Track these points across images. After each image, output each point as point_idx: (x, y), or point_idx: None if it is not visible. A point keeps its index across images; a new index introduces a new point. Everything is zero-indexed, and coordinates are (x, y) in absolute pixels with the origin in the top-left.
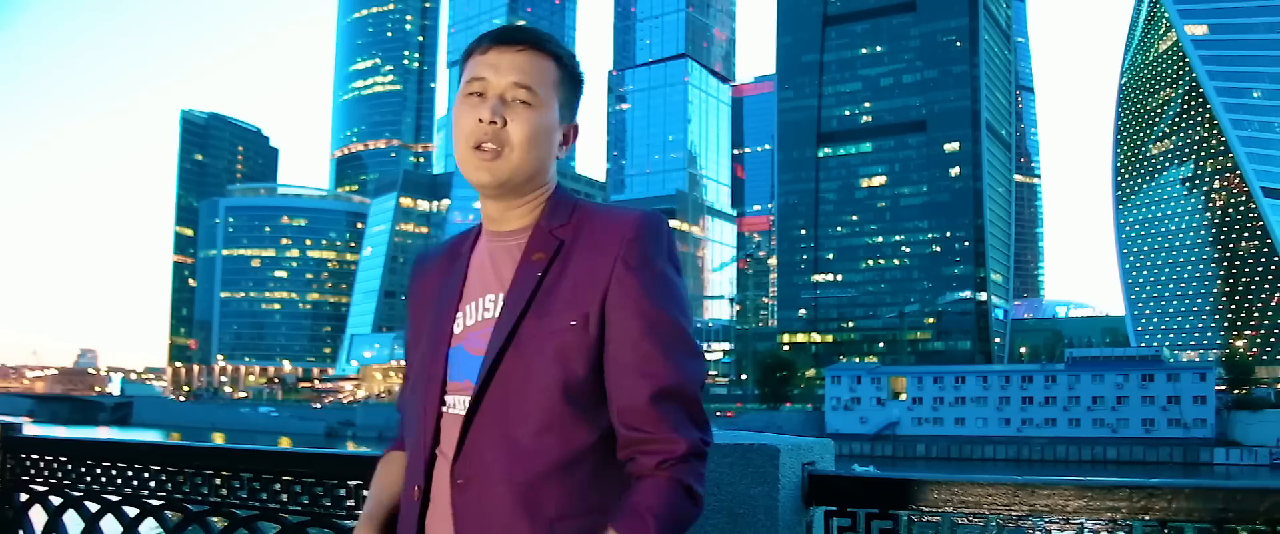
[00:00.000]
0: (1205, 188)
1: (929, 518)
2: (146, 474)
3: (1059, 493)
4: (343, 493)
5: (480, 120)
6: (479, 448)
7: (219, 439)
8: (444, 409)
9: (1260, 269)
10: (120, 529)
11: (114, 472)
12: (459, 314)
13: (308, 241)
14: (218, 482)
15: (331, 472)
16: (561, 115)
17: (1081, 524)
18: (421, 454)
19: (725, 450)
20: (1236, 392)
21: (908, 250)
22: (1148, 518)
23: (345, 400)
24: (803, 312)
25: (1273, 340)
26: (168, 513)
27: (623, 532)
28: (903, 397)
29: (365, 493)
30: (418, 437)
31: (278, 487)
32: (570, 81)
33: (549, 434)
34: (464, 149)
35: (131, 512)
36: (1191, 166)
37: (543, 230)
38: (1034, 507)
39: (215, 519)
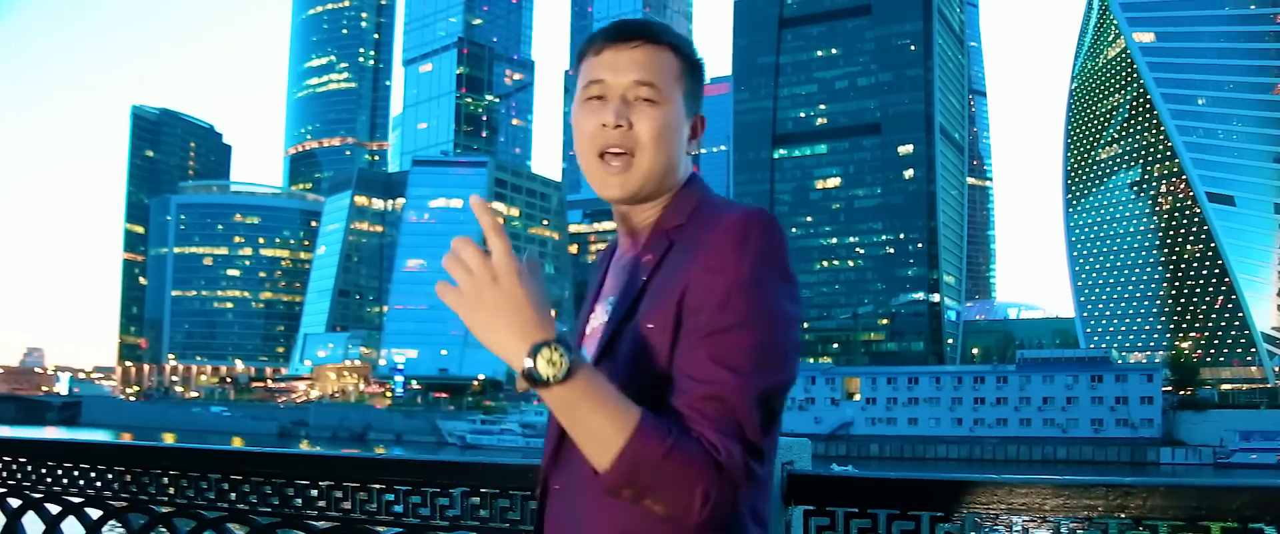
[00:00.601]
0: (1152, 192)
1: (907, 517)
2: (110, 476)
3: (1036, 492)
4: (314, 493)
5: (604, 125)
6: (572, 456)
7: (170, 439)
8: None
9: (1205, 272)
10: (82, 531)
11: (76, 473)
12: (592, 314)
13: (261, 240)
14: (185, 483)
15: (302, 472)
16: (687, 108)
17: (1057, 522)
18: (547, 455)
19: None
20: (1182, 392)
21: (862, 252)
22: (1123, 516)
23: (299, 400)
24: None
25: (1216, 342)
26: (132, 515)
27: (623, 426)
28: (857, 397)
29: (336, 493)
30: (546, 441)
31: (246, 487)
32: (691, 71)
33: None
34: (589, 158)
35: (94, 513)
36: (1139, 171)
37: (658, 231)
38: (1011, 505)
39: (181, 521)
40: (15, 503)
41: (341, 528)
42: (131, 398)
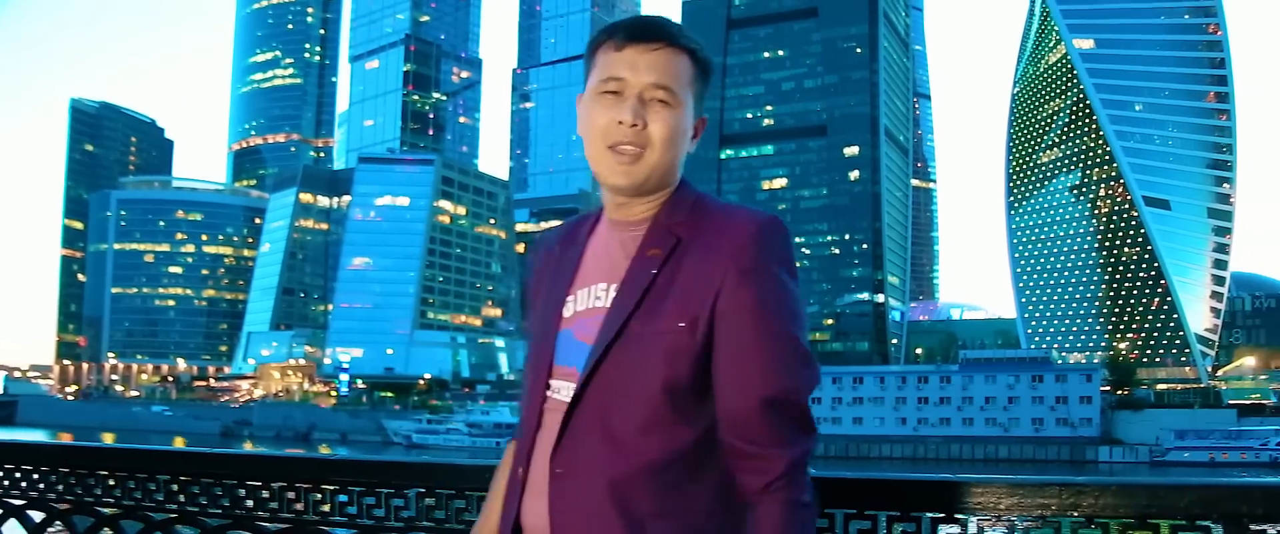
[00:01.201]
0: (1091, 195)
1: (863, 516)
2: (54, 477)
3: (991, 491)
4: (266, 495)
5: (620, 122)
6: (579, 441)
7: (109, 440)
8: (549, 393)
9: (1141, 275)
10: None
11: (17, 474)
12: (570, 298)
13: (204, 236)
14: (132, 484)
15: (253, 473)
16: (695, 109)
17: (1012, 521)
18: (527, 437)
19: None
20: (1119, 392)
21: (807, 252)
22: (1076, 514)
23: (242, 400)
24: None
25: (1152, 343)
26: (77, 517)
27: None
28: None
29: (289, 494)
30: (526, 419)
31: (196, 489)
32: (702, 75)
33: (649, 433)
34: (598, 148)
35: (37, 516)
36: (1079, 175)
37: (661, 225)
38: (967, 504)
39: (129, 523)
40: None
41: (294, 529)
42: (70, 397)
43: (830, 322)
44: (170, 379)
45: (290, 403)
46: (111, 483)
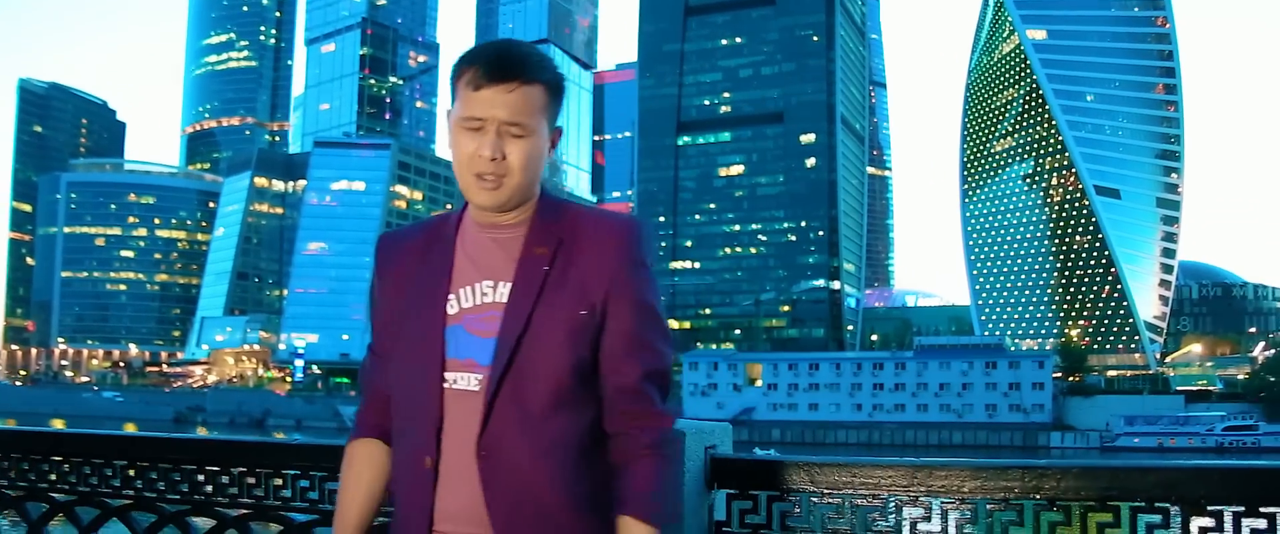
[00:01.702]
0: (1044, 184)
1: (829, 499)
2: (6, 463)
3: (955, 474)
4: (226, 480)
5: (481, 155)
6: (501, 424)
7: (59, 426)
8: (446, 385)
9: (1093, 263)
10: None
11: None
12: (452, 296)
13: (156, 220)
14: (87, 469)
15: (213, 458)
16: (549, 126)
17: (977, 503)
18: (429, 427)
19: None
20: (1071, 379)
21: (764, 239)
22: (1038, 497)
23: (195, 385)
24: (661, 298)
25: (1103, 330)
26: (30, 504)
27: (637, 515)
28: (759, 383)
29: (249, 479)
30: (420, 411)
31: (154, 474)
32: (555, 96)
33: (562, 411)
34: (466, 175)
35: None
36: (1032, 164)
37: (540, 227)
38: (931, 487)
39: (84, 509)
40: None
41: (255, 514)
42: (18, 383)
43: (786, 308)
44: (122, 365)
45: (245, 389)
46: (66, 469)
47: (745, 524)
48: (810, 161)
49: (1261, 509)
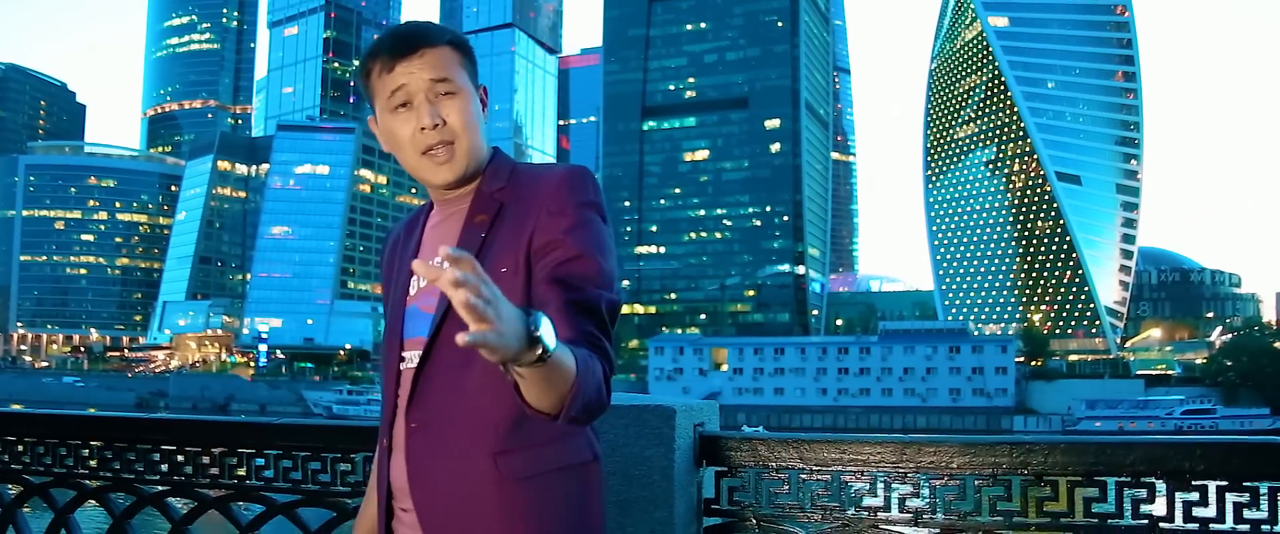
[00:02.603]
0: (1006, 170)
1: (818, 477)
2: None
3: (943, 451)
4: (206, 461)
5: (423, 128)
6: (429, 394)
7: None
8: (402, 365)
9: (1054, 248)
10: None
11: None
12: (414, 277)
13: (117, 204)
14: (64, 451)
15: (193, 438)
16: (475, 88)
17: (965, 479)
18: (388, 406)
19: (620, 411)
20: (1033, 363)
21: (729, 224)
22: (1026, 472)
23: (157, 370)
24: (626, 283)
25: (1064, 315)
26: (3, 487)
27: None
28: (724, 367)
29: (230, 460)
30: (386, 391)
31: (132, 455)
32: (467, 55)
33: (491, 375)
34: (413, 158)
35: None
36: (994, 150)
37: (484, 194)
38: (920, 464)
39: (60, 491)
40: None
41: (236, 494)
42: None
43: (751, 293)
44: (82, 350)
45: (208, 374)
46: (40, 450)
47: (734, 502)
48: (775, 147)
49: (1244, 483)
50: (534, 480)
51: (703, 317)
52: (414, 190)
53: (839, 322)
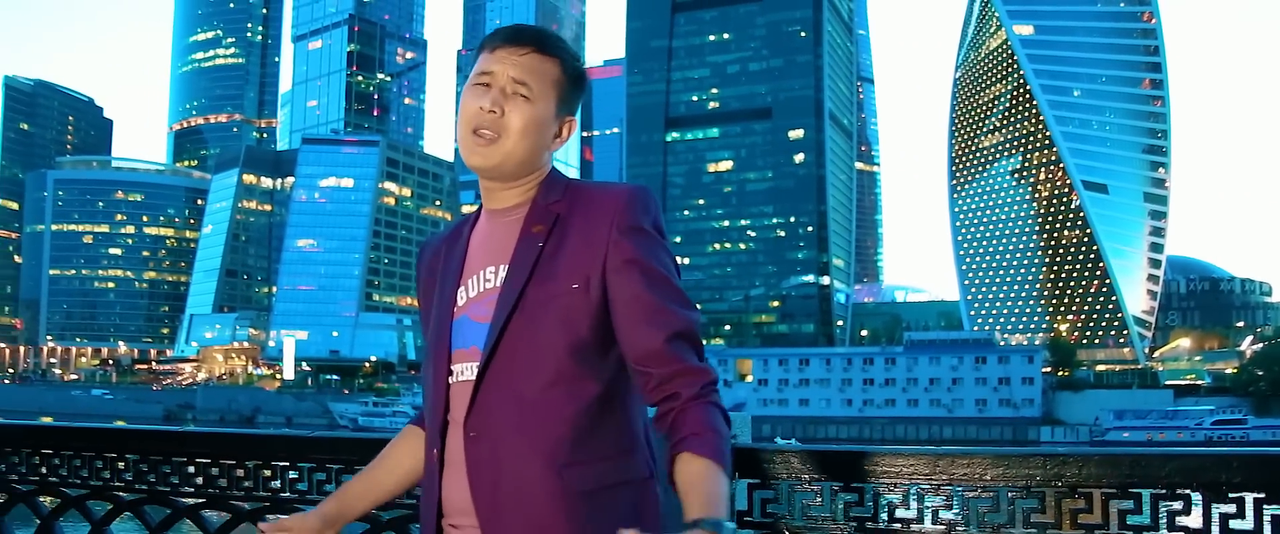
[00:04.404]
0: (1032, 179)
1: (851, 489)
2: (16, 458)
3: (976, 463)
4: (241, 473)
5: (481, 108)
6: (489, 405)
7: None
8: (451, 378)
9: (1081, 257)
10: None
11: None
12: (461, 288)
13: (144, 218)
14: (100, 463)
15: (228, 451)
16: (558, 110)
17: (998, 491)
18: (436, 421)
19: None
20: (1060, 373)
21: (753, 235)
22: (1060, 484)
23: (185, 383)
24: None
25: (1092, 325)
26: (41, 499)
27: (696, 450)
28: (749, 379)
29: (265, 472)
30: (432, 405)
31: (167, 468)
32: (572, 81)
33: (555, 389)
34: (464, 133)
35: None
36: (1019, 159)
37: (540, 206)
38: (952, 476)
39: (96, 504)
40: None
41: (271, 508)
42: (6, 381)
43: (776, 304)
44: (111, 362)
45: (234, 386)
46: (77, 463)
47: (767, 514)
48: (799, 157)
49: None
50: (597, 495)
51: (727, 328)
52: (439, 203)
53: (864, 332)
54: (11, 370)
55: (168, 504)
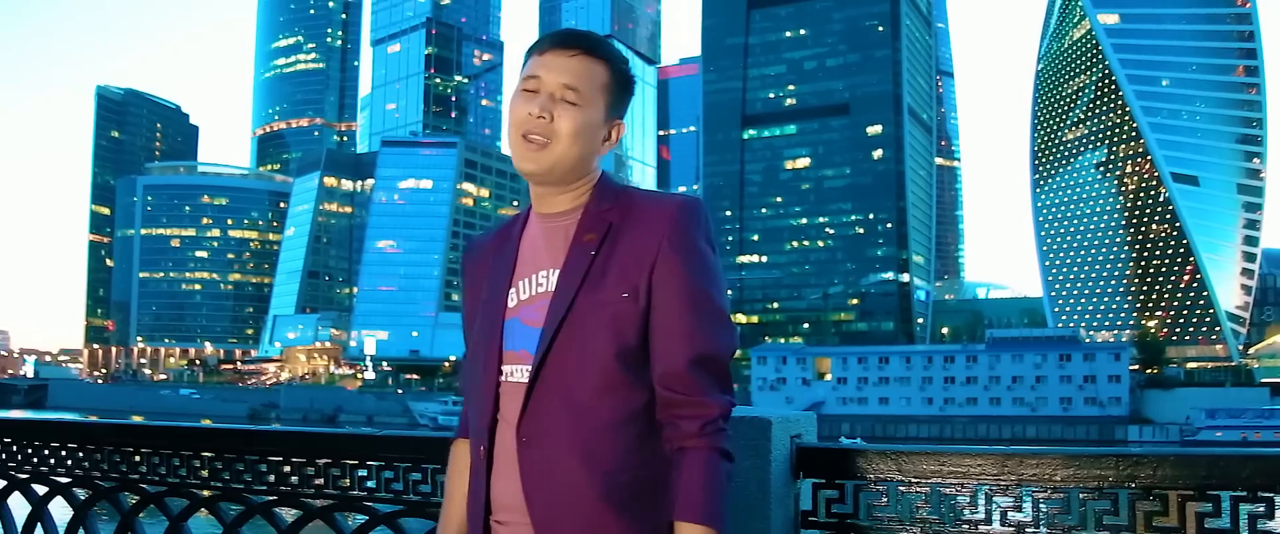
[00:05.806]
0: (1118, 172)
1: (917, 488)
2: (99, 456)
3: (1046, 462)
4: (311, 471)
5: (530, 113)
6: (541, 410)
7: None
8: (502, 378)
9: (1170, 252)
10: (70, 512)
11: (63, 453)
12: (512, 290)
13: (229, 221)
14: (176, 461)
15: (299, 450)
16: (607, 114)
17: (1069, 492)
18: (485, 420)
19: None
20: (1149, 371)
21: (831, 232)
22: (1134, 486)
23: (269, 383)
24: (728, 292)
25: (1182, 321)
26: (122, 495)
27: (688, 517)
28: (828, 377)
29: (334, 471)
30: (480, 404)
31: (241, 466)
32: (619, 85)
33: (606, 396)
34: (515, 138)
35: (82, 493)
36: (1105, 151)
37: (592, 213)
38: (1022, 476)
39: (174, 500)
40: None
41: (340, 504)
42: (99, 380)
43: (855, 301)
44: (197, 362)
45: (316, 386)
46: (155, 461)
47: (832, 514)
48: (877, 153)
49: None
50: (645, 501)
51: (805, 326)
52: (516, 203)
53: (944, 330)
54: (104, 370)
55: (241, 501)
